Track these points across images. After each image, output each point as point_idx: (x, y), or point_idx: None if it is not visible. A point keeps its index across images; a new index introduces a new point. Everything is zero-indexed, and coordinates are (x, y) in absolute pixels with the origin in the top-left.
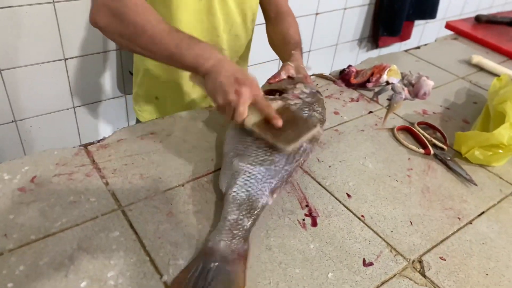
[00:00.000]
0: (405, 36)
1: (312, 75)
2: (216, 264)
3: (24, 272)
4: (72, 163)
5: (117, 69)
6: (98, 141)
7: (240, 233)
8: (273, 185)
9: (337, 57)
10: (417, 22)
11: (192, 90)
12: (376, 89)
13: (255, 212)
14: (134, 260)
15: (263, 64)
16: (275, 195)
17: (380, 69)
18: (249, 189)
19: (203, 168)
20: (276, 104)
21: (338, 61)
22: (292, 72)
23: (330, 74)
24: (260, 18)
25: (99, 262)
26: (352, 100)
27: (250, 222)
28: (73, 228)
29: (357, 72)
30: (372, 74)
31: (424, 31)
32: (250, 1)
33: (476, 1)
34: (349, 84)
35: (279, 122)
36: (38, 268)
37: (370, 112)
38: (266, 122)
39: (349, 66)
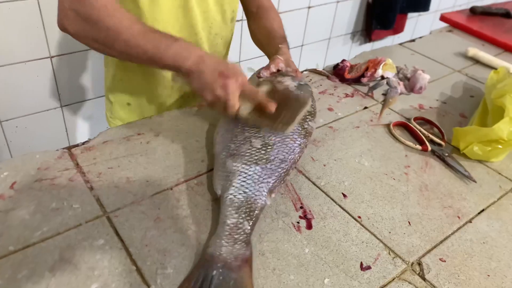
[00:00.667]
0: (399, 29)
1: (305, 70)
2: (220, 271)
3: (1, 287)
4: (55, 167)
5: None
6: (83, 143)
7: (241, 237)
8: (270, 184)
9: (330, 51)
10: (410, 14)
11: (168, 93)
12: (371, 84)
13: (255, 214)
14: (120, 270)
15: (252, 60)
16: (273, 195)
17: (375, 63)
18: (247, 190)
19: (193, 170)
20: (264, 88)
21: (331, 55)
22: (281, 65)
23: (323, 69)
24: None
25: (82, 274)
26: (347, 95)
27: (250, 224)
28: (55, 237)
29: (351, 67)
30: (366, 69)
31: (418, 24)
32: None
33: None
34: (343, 79)
35: (273, 107)
36: (16, 282)
37: (365, 107)
38: (259, 108)
39: (343, 60)
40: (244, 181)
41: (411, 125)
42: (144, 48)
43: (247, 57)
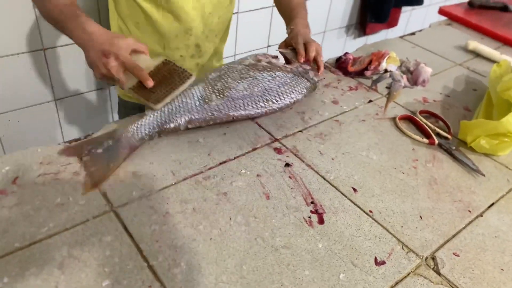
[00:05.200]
0: (393, 23)
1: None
2: (110, 143)
3: (8, 285)
4: (58, 161)
5: None
6: (85, 137)
7: (143, 134)
8: (193, 117)
9: (325, 45)
10: (404, 8)
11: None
12: (375, 77)
13: (165, 127)
14: (131, 267)
15: None
16: (190, 126)
17: (379, 57)
18: (171, 106)
19: (200, 164)
20: (155, 61)
21: (326, 48)
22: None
23: (326, 63)
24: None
25: (92, 271)
26: (351, 88)
27: (155, 131)
28: (62, 233)
29: (354, 60)
30: (370, 62)
31: (411, 18)
32: None
33: None
34: (346, 72)
35: (150, 83)
36: (25, 280)
37: (370, 101)
38: (141, 84)
39: (346, 53)
40: (177, 100)
41: (417, 119)
42: (55, 20)
43: (276, 42)
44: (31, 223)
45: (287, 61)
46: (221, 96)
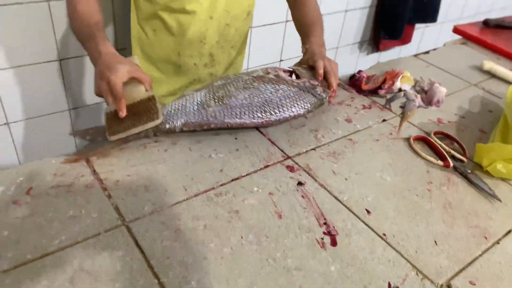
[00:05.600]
0: (406, 40)
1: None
2: None
3: None
4: (71, 173)
5: None
6: (98, 148)
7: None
8: (188, 121)
9: (338, 60)
10: (417, 25)
11: (195, 61)
12: (388, 96)
13: (161, 127)
14: (142, 283)
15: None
16: (185, 128)
17: (393, 76)
18: (170, 108)
19: (212, 180)
20: (143, 95)
21: (339, 64)
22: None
23: (339, 80)
24: None
25: (103, 285)
26: (364, 107)
27: (152, 133)
28: (74, 246)
29: (368, 78)
30: (384, 81)
31: (425, 35)
32: None
33: (475, 4)
34: (360, 90)
35: (121, 114)
36: None
37: (384, 120)
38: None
39: (359, 71)
40: (179, 102)
41: (432, 140)
42: (78, 39)
43: (289, 56)
44: (43, 234)
45: (298, 78)
46: (220, 103)
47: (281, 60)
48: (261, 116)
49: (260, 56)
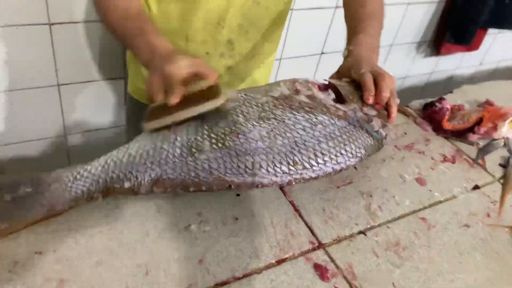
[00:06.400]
0: (474, 46)
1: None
2: (29, 190)
3: None
4: None
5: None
6: None
7: (80, 188)
8: (164, 175)
9: (389, 60)
10: (490, 30)
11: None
12: (481, 144)
13: (116, 185)
14: None
15: None
16: (157, 189)
17: (496, 116)
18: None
19: (183, 279)
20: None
21: (390, 64)
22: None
23: (408, 106)
24: None
25: None
26: (445, 159)
27: (100, 189)
28: None
29: (453, 111)
30: (480, 121)
31: (495, 42)
32: None
33: None
34: (438, 128)
35: (172, 100)
36: None
37: (476, 187)
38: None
39: (441, 99)
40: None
41: None
42: (120, 34)
43: (333, 49)
44: None
45: (340, 99)
46: (220, 145)
47: (322, 53)
48: (287, 170)
49: (294, 47)
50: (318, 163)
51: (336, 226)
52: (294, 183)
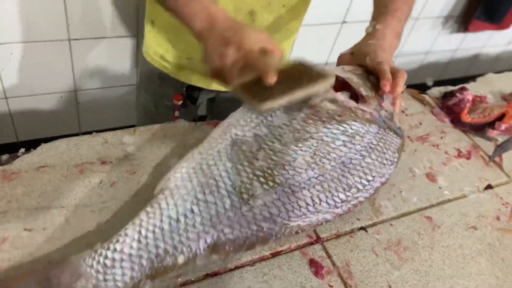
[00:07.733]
0: (504, 25)
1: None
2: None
3: None
4: None
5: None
6: None
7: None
8: (221, 236)
9: (412, 35)
10: None
11: None
12: (500, 140)
13: (165, 263)
14: None
15: None
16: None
17: None
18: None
19: None
20: (286, 63)
21: (413, 38)
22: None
23: (426, 95)
24: None
25: None
26: (460, 154)
27: (144, 275)
28: None
29: (474, 103)
30: (502, 116)
31: None
32: None
33: None
34: (457, 120)
35: (270, 79)
36: None
37: (489, 186)
38: (259, 82)
39: (462, 88)
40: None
41: None
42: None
43: (354, 19)
44: None
45: (351, 93)
46: (271, 183)
47: (343, 22)
48: (345, 198)
49: (313, 13)
50: (368, 181)
51: (336, 220)
52: (351, 212)
